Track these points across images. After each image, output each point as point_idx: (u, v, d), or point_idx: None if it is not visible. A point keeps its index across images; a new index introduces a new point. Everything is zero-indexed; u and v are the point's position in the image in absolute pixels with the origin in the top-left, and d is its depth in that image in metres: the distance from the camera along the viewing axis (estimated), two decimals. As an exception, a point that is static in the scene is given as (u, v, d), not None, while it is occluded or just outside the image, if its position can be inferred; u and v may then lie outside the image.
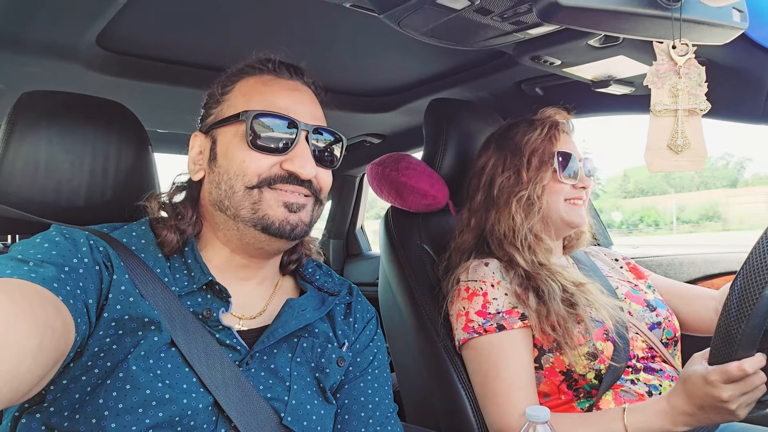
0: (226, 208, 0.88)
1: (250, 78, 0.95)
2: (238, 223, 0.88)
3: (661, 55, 0.88)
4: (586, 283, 1.26)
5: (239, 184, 0.87)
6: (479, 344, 1.23)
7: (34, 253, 0.72)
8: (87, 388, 0.74)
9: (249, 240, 0.89)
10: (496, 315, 1.22)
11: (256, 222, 0.87)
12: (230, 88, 0.94)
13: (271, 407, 0.84)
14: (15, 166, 1.01)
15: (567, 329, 1.16)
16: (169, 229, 0.88)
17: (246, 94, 0.92)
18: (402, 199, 1.52)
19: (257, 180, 0.87)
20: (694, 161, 0.87)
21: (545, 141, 1.34)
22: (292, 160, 0.88)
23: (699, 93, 0.87)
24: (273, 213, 0.87)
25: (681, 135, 0.86)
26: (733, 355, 0.92)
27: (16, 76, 1.52)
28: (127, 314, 0.77)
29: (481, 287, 1.26)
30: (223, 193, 0.88)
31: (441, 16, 0.97)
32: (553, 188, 1.34)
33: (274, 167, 0.88)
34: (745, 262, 0.92)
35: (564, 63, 1.31)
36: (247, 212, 0.87)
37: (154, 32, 1.40)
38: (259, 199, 0.87)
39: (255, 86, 0.93)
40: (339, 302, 1.02)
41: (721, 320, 0.93)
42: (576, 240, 1.45)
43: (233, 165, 0.88)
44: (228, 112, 0.92)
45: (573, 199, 1.35)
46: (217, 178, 0.90)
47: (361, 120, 2.22)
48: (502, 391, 1.17)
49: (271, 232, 0.87)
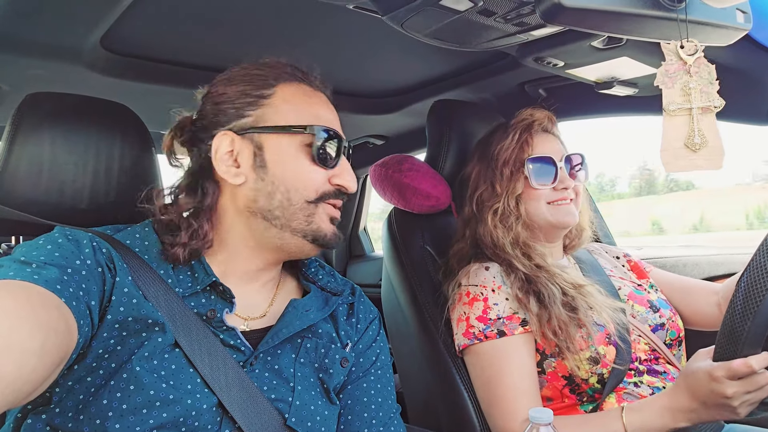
0: (276, 218, 0.88)
1: (288, 85, 0.92)
2: (284, 232, 0.89)
3: (670, 56, 0.87)
4: (585, 284, 1.25)
5: (298, 197, 0.88)
6: (481, 350, 1.22)
7: (37, 255, 0.72)
8: (91, 389, 0.74)
9: (290, 248, 0.91)
10: (496, 321, 1.21)
11: (307, 233, 0.89)
12: (270, 92, 0.90)
13: (275, 408, 0.84)
14: (19, 168, 1.01)
15: (569, 333, 1.15)
16: (180, 246, 0.86)
17: (291, 102, 0.90)
18: (405, 201, 1.52)
19: (315, 196, 0.89)
20: (712, 159, 0.86)
21: (516, 149, 1.33)
22: (342, 176, 0.91)
23: (711, 90, 0.86)
24: (325, 226, 0.91)
25: (698, 133, 0.86)
26: (738, 353, 0.91)
27: (20, 78, 1.53)
28: (131, 316, 0.78)
29: (482, 292, 1.25)
30: (277, 204, 0.88)
31: (444, 17, 0.97)
32: (531, 195, 1.32)
33: (325, 183, 0.90)
34: (751, 260, 0.92)
35: (567, 64, 1.31)
36: (300, 224, 0.89)
37: (158, 34, 1.40)
38: (313, 212, 0.89)
39: (297, 95, 0.92)
40: (342, 302, 1.02)
41: (726, 318, 0.93)
42: (577, 239, 1.44)
43: (293, 178, 0.88)
44: (276, 120, 0.89)
45: (556, 201, 1.32)
46: (269, 188, 0.88)
47: (363, 121, 2.22)
48: (505, 396, 1.16)
49: (321, 243, 0.91)
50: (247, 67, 0.94)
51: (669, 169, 0.87)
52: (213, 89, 0.94)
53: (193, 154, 0.94)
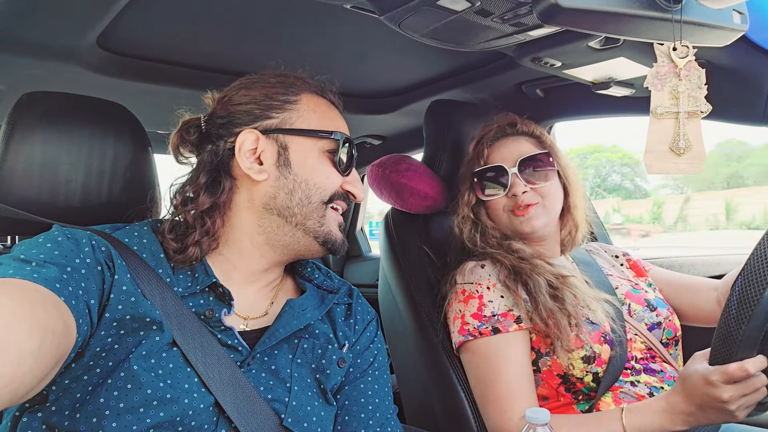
0: (293, 215, 0.91)
1: (312, 96, 0.98)
2: (297, 230, 0.93)
3: (662, 57, 0.88)
4: (569, 276, 1.25)
5: (316, 197, 0.93)
6: (476, 347, 1.23)
7: (37, 254, 0.72)
8: (88, 388, 0.74)
9: (299, 247, 0.94)
10: (491, 318, 1.21)
11: (319, 234, 0.94)
12: (297, 99, 0.96)
13: (272, 408, 0.84)
14: (15, 167, 1.01)
15: (557, 321, 1.15)
16: (193, 245, 0.87)
17: (315, 111, 0.97)
18: (402, 201, 1.52)
19: (329, 196, 0.94)
20: (694, 163, 0.87)
21: (470, 162, 1.40)
22: (354, 184, 0.98)
23: (699, 95, 0.87)
24: (335, 231, 0.96)
25: (683, 137, 0.86)
26: (734, 356, 0.91)
27: (16, 78, 1.52)
28: (129, 314, 0.77)
29: (477, 290, 1.26)
30: (297, 201, 0.92)
31: (441, 17, 0.97)
32: (489, 204, 1.37)
33: (338, 187, 0.96)
34: (747, 262, 0.92)
35: (564, 65, 1.31)
36: (314, 224, 0.93)
37: (155, 34, 1.40)
38: (324, 214, 0.94)
39: (321, 106, 0.98)
40: (339, 302, 1.03)
41: (721, 321, 0.93)
42: (571, 237, 1.44)
43: (315, 178, 0.93)
44: (302, 124, 0.94)
45: (515, 208, 1.31)
46: (291, 186, 0.92)
47: (361, 121, 2.22)
48: (501, 394, 1.17)
49: (329, 247, 0.95)
50: (270, 75, 0.99)
51: (651, 171, 0.88)
52: (232, 91, 0.97)
53: (208, 152, 0.94)
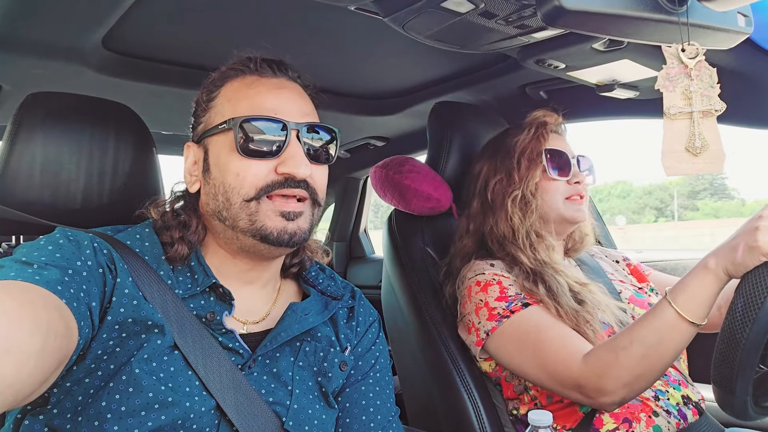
0: (225, 218, 0.87)
1: (233, 81, 0.91)
2: (236, 232, 0.87)
3: (671, 59, 0.87)
4: (588, 283, 1.26)
5: (236, 197, 0.85)
6: (510, 326, 1.20)
7: (38, 256, 0.72)
8: (90, 391, 0.74)
9: (248, 248, 0.89)
10: (517, 296, 1.22)
11: (254, 232, 0.85)
12: (215, 94, 0.91)
13: (273, 411, 0.84)
14: (20, 167, 1.01)
15: (578, 321, 1.16)
16: (178, 242, 0.87)
17: (231, 99, 0.89)
18: (405, 202, 1.52)
19: (255, 192, 0.85)
20: (713, 163, 0.86)
21: (533, 141, 1.37)
22: (286, 162, 0.85)
23: (712, 94, 0.86)
24: (271, 223, 0.85)
25: (699, 137, 0.86)
26: (737, 359, 0.91)
27: (22, 78, 1.53)
28: (131, 317, 0.77)
29: (494, 278, 1.27)
30: (221, 205, 0.87)
31: (445, 19, 0.97)
32: (548, 187, 1.35)
33: (269, 174, 0.85)
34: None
35: (568, 66, 1.31)
36: (245, 223, 0.85)
37: (160, 34, 1.41)
38: (256, 210, 0.85)
39: (239, 89, 0.90)
40: (342, 306, 1.02)
41: (725, 324, 0.93)
42: (579, 243, 1.45)
43: (228, 177, 0.86)
44: (216, 120, 0.89)
45: (572, 196, 1.36)
46: (213, 190, 0.88)
47: (364, 123, 2.22)
48: (555, 347, 1.14)
49: (270, 242, 0.85)
50: (212, 74, 0.95)
51: (670, 173, 0.87)
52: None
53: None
